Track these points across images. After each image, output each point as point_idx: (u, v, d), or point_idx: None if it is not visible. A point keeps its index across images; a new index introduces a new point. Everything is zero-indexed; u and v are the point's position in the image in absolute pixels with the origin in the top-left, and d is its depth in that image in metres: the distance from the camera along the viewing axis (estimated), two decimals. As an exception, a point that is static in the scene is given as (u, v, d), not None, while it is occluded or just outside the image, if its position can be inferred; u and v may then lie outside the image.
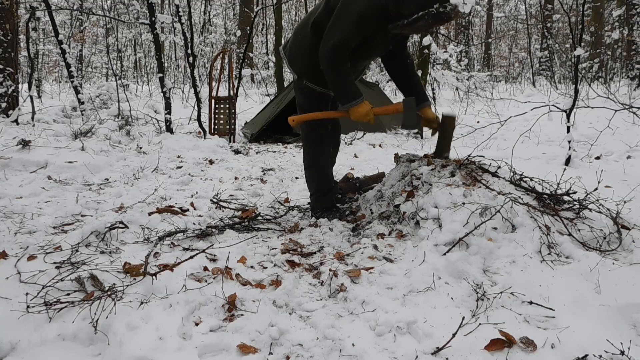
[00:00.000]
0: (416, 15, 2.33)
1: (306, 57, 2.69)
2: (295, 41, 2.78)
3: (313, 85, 2.73)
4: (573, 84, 4.84)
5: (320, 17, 2.60)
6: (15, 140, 4.69)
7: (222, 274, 1.92)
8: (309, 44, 2.66)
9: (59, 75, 19.50)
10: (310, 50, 2.65)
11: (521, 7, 21.08)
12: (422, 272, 1.89)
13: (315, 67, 2.67)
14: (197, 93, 7.00)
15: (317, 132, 2.81)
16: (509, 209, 2.16)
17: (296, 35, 2.78)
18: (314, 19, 2.63)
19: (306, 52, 2.69)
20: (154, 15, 6.31)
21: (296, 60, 2.77)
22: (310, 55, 2.66)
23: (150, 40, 14.34)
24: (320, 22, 2.59)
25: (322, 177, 2.87)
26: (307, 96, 2.78)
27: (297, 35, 2.77)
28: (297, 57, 2.76)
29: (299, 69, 2.76)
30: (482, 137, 5.55)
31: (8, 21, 6.43)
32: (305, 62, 2.71)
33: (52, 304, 1.68)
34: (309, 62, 2.68)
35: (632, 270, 1.85)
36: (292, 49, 2.79)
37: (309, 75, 2.72)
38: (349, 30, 2.43)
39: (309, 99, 2.78)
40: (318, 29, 2.60)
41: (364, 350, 1.49)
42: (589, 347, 1.49)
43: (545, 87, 13.60)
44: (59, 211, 2.90)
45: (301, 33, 2.74)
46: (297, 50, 2.75)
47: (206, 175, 4.28)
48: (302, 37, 2.72)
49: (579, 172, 3.47)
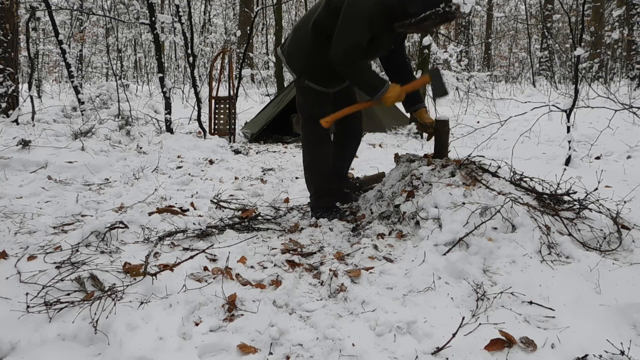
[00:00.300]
0: (423, 14, 2.34)
1: (306, 56, 2.69)
2: (294, 41, 2.78)
3: (313, 85, 2.72)
4: (573, 84, 4.84)
5: (320, 17, 2.60)
6: (15, 140, 4.69)
7: (222, 274, 1.92)
8: (309, 43, 2.66)
9: (59, 75, 19.49)
10: (310, 49, 2.65)
11: (521, 7, 21.09)
12: (422, 272, 1.89)
13: (315, 67, 2.67)
14: (197, 93, 7.00)
15: (316, 133, 2.80)
16: (509, 209, 2.16)
17: (295, 35, 2.78)
18: (315, 19, 2.62)
19: (306, 51, 2.68)
20: (154, 15, 6.31)
21: (295, 59, 2.76)
22: (310, 55, 2.66)
23: (150, 40, 14.34)
24: (322, 22, 2.59)
25: (322, 177, 2.86)
26: (307, 95, 2.78)
27: (296, 35, 2.77)
28: (296, 56, 2.76)
29: (298, 69, 2.76)
30: (482, 137, 5.55)
31: (8, 21, 6.43)
32: (305, 61, 2.71)
33: (52, 304, 1.68)
34: (309, 62, 2.68)
35: (632, 270, 1.85)
36: (291, 48, 2.78)
37: (309, 75, 2.72)
38: (360, 31, 2.43)
39: (309, 98, 2.78)
40: (319, 29, 2.60)
41: (364, 350, 1.49)
42: (589, 347, 1.49)
43: (545, 87, 13.59)
44: (59, 211, 2.90)
45: (300, 33, 2.74)
46: (297, 50, 2.75)
47: (206, 175, 4.28)
48: (302, 36, 2.72)
49: (579, 172, 3.47)
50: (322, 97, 2.76)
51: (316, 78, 2.70)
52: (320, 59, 2.61)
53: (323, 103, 2.78)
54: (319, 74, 2.69)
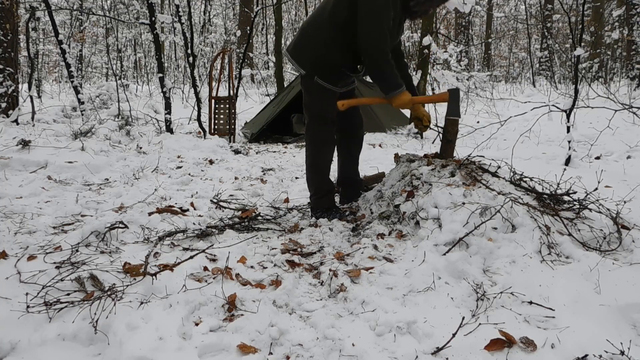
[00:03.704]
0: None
1: (318, 51, 2.67)
2: (304, 37, 2.75)
3: (323, 82, 2.70)
4: (573, 84, 4.84)
5: (336, 9, 2.59)
6: (15, 140, 4.69)
7: (222, 274, 1.92)
8: (323, 37, 2.64)
9: (59, 75, 19.50)
10: (323, 44, 2.64)
11: (521, 7, 21.09)
12: (422, 272, 1.89)
13: (327, 62, 2.67)
14: (197, 93, 7.00)
15: (321, 133, 2.79)
16: (509, 209, 2.16)
17: (305, 32, 2.75)
18: (331, 10, 2.61)
19: (319, 46, 2.67)
20: (154, 15, 6.31)
21: (305, 55, 2.73)
22: (322, 50, 2.65)
23: (150, 40, 14.35)
24: (338, 12, 2.58)
25: (323, 178, 2.86)
26: (314, 94, 2.75)
27: (307, 31, 2.74)
28: (307, 52, 2.73)
29: (308, 65, 2.72)
30: (482, 137, 5.55)
31: (8, 21, 6.43)
32: (317, 56, 2.69)
33: (52, 304, 1.68)
34: (321, 57, 2.67)
35: (632, 270, 1.85)
36: (301, 45, 2.75)
37: (319, 71, 2.69)
38: (384, 19, 2.47)
39: (316, 96, 2.76)
40: (334, 21, 2.59)
41: (364, 350, 1.49)
42: (589, 347, 1.49)
43: (545, 87, 13.60)
44: (59, 211, 2.90)
45: (312, 28, 2.71)
46: (308, 45, 2.72)
47: (206, 175, 4.28)
48: (314, 31, 2.69)
49: (579, 172, 3.47)
50: (330, 96, 2.75)
51: (326, 75, 2.69)
52: (333, 53, 2.63)
53: (330, 102, 2.76)
54: (330, 69, 2.68)
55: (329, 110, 2.76)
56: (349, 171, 3.09)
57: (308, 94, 2.80)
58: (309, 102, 2.82)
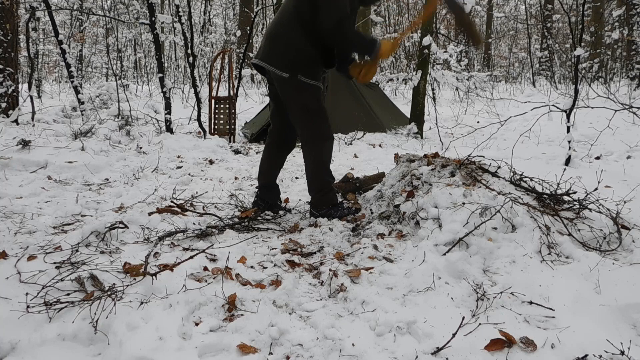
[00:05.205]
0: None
1: (297, 50, 2.70)
2: (278, 41, 2.74)
3: (306, 79, 2.71)
4: (573, 84, 4.84)
5: (300, 8, 2.66)
6: (15, 140, 4.69)
7: (222, 274, 1.92)
8: (297, 36, 2.68)
9: (59, 75, 19.50)
10: (299, 42, 2.68)
11: (521, 7, 21.09)
12: (422, 272, 1.89)
13: (309, 60, 2.71)
14: (197, 93, 7.00)
15: (321, 129, 2.80)
16: (509, 209, 2.16)
17: (277, 36, 2.75)
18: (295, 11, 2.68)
19: (296, 45, 2.69)
20: (154, 15, 6.31)
21: (285, 58, 2.72)
22: (300, 48, 2.69)
23: (150, 40, 14.34)
24: (304, 13, 2.65)
25: (327, 173, 2.87)
26: (303, 92, 2.74)
27: (278, 35, 2.75)
28: (286, 54, 2.72)
29: (291, 66, 2.71)
30: (482, 137, 5.55)
31: (8, 21, 6.43)
32: (297, 56, 2.71)
33: (52, 304, 1.68)
34: (301, 55, 2.70)
35: (632, 270, 1.85)
36: (277, 50, 2.74)
37: (302, 69, 2.71)
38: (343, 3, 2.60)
39: (305, 93, 2.75)
40: (302, 18, 2.66)
41: (364, 350, 1.49)
42: (589, 347, 1.49)
43: (545, 87, 13.60)
44: (59, 211, 2.90)
45: (283, 31, 2.73)
46: (285, 47, 2.72)
47: (206, 175, 4.28)
48: (286, 33, 2.72)
49: (579, 172, 3.47)
50: (317, 92, 2.78)
51: (309, 71, 2.71)
52: (309, 48, 2.69)
53: (319, 98, 2.79)
54: (311, 65, 2.72)
55: (320, 105, 2.79)
56: (273, 177, 3.10)
57: (296, 96, 2.76)
58: (299, 104, 2.78)
